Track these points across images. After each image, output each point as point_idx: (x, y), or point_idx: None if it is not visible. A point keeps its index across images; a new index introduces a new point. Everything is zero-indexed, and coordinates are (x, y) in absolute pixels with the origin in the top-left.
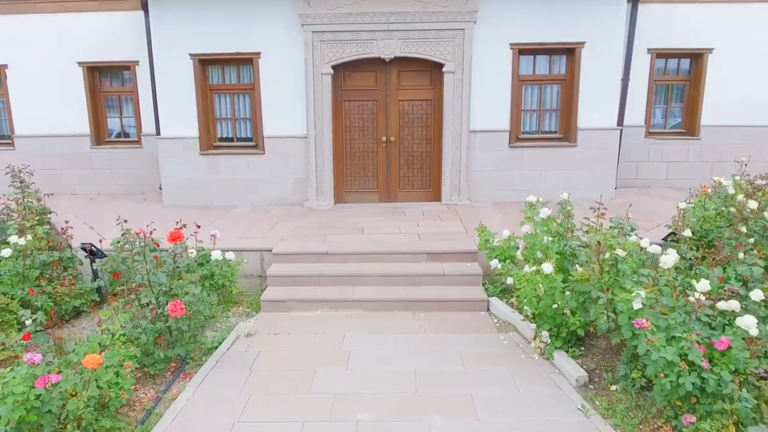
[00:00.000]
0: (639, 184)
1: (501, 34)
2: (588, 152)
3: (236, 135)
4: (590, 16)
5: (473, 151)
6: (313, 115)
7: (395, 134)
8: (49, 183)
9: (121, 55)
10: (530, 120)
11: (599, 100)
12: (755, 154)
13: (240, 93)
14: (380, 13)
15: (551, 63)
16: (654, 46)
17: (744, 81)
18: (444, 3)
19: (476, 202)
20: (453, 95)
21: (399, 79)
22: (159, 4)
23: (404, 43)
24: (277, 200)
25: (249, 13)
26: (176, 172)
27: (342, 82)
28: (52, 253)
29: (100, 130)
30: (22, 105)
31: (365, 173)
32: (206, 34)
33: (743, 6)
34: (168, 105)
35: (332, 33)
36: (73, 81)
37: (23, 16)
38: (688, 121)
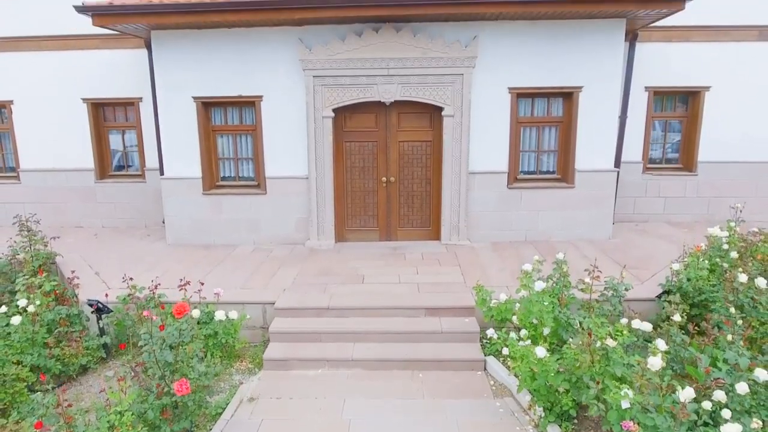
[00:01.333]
0: (636, 218)
1: (499, 79)
2: (585, 193)
3: (238, 174)
4: (588, 62)
5: (472, 192)
6: (314, 156)
7: (395, 174)
8: (53, 216)
9: (125, 91)
10: (528, 160)
11: (596, 143)
12: (752, 190)
13: (242, 134)
14: (380, 58)
15: (549, 105)
16: (651, 84)
17: (741, 118)
18: (443, 49)
19: (475, 241)
20: (452, 138)
21: (399, 121)
22: (162, 49)
23: (404, 88)
24: (279, 239)
25: (251, 57)
26: (179, 211)
27: (343, 123)
28: (59, 310)
29: (104, 165)
30: (27, 139)
31: (366, 212)
32: (209, 78)
33: (739, 45)
34: (171, 146)
35: (333, 77)
36: (77, 116)
37: (28, 53)
38: (685, 157)
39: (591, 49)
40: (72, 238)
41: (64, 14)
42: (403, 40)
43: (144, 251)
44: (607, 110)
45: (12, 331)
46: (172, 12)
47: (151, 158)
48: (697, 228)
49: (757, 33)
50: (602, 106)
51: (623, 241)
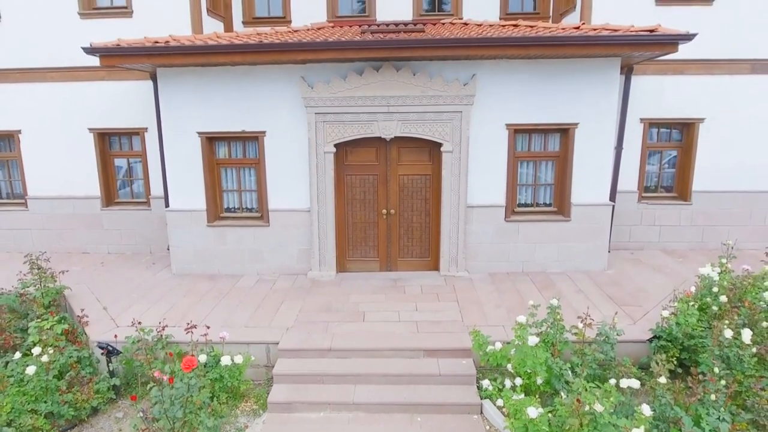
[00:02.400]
0: (632, 246)
1: (497, 116)
2: (581, 226)
3: (242, 206)
4: (584, 100)
5: (470, 225)
6: (316, 190)
7: (395, 206)
8: (60, 242)
9: (131, 121)
10: (526, 193)
11: (592, 177)
12: (745, 219)
13: (246, 167)
14: (380, 96)
15: (546, 140)
16: (647, 116)
17: (734, 149)
18: (442, 88)
19: (473, 272)
20: (451, 172)
21: (399, 155)
22: (168, 85)
23: (404, 124)
24: (282, 269)
25: (254, 94)
26: (184, 241)
27: (344, 157)
28: (71, 352)
29: (110, 192)
30: (34, 168)
31: (366, 243)
32: (213, 113)
33: (733, 78)
34: (177, 179)
35: (334, 114)
36: (83, 145)
37: (35, 84)
38: (680, 186)
39: (587, 88)
40: (79, 266)
41: (71, 46)
42: (402, 78)
43: (150, 282)
44: (603, 146)
45: (27, 380)
46: (178, 54)
47: (156, 186)
48: (691, 256)
49: (750, 66)
50: (598, 141)
51: (618, 273)
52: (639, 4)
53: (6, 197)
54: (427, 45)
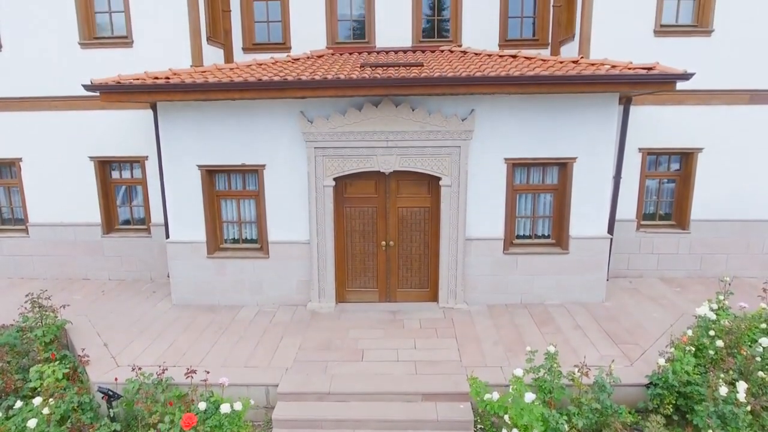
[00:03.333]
0: (630, 274)
1: (496, 150)
2: (579, 258)
3: (242, 236)
4: (582, 135)
5: (469, 257)
6: (316, 222)
7: (394, 238)
8: (61, 268)
9: (131, 150)
10: (524, 225)
11: (591, 210)
12: (743, 247)
13: (246, 199)
14: (380, 131)
15: (544, 173)
16: (645, 145)
17: (733, 178)
18: (441, 123)
19: (472, 304)
20: (449, 206)
21: (398, 187)
22: (167, 119)
23: (403, 159)
24: (282, 300)
25: (254, 128)
26: (185, 272)
27: (343, 189)
28: (72, 398)
29: (110, 219)
30: (35, 195)
31: (366, 274)
32: (213, 147)
33: (731, 108)
34: (177, 211)
35: (334, 149)
36: (84, 173)
37: (36, 113)
38: (678, 214)
39: (585, 123)
40: (80, 293)
41: (71, 76)
42: (402, 114)
43: (150, 315)
44: (601, 180)
45: None
46: (178, 91)
47: (157, 213)
48: (689, 285)
49: (748, 97)
50: (596, 175)
51: (616, 306)
52: (637, 36)
53: (7, 223)
54: (426, 83)
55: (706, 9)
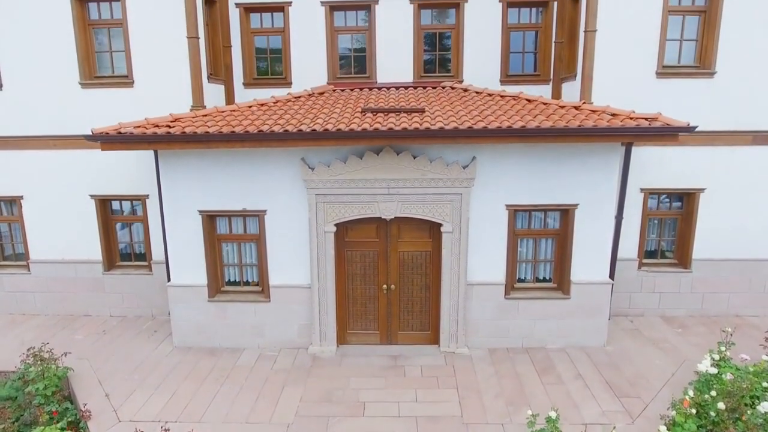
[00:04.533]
0: (632, 312)
1: (497, 197)
2: (581, 303)
3: (243, 279)
4: (584, 183)
5: (470, 302)
6: (317, 267)
7: (395, 282)
8: (62, 304)
9: (132, 189)
10: (525, 269)
11: (592, 256)
12: (745, 286)
13: (247, 242)
14: (381, 179)
15: (546, 218)
16: (647, 185)
17: (735, 218)
18: (442, 171)
19: (473, 347)
20: (450, 252)
21: (399, 232)
22: (169, 165)
23: (404, 205)
24: (283, 343)
25: (255, 174)
26: (186, 315)
27: (345, 233)
28: None
29: (111, 256)
30: (36, 232)
31: (367, 317)
32: (214, 192)
33: (733, 149)
34: (178, 255)
35: (335, 195)
36: (85, 211)
37: (38, 151)
38: (680, 253)
39: (586, 170)
40: (81, 332)
41: (72, 115)
42: (403, 162)
43: (152, 359)
44: (602, 226)
45: None
46: (178, 141)
47: (158, 251)
48: (690, 325)
49: (751, 138)
50: (597, 222)
51: (617, 351)
52: (640, 77)
53: (8, 259)
54: (426, 135)
55: (709, 51)
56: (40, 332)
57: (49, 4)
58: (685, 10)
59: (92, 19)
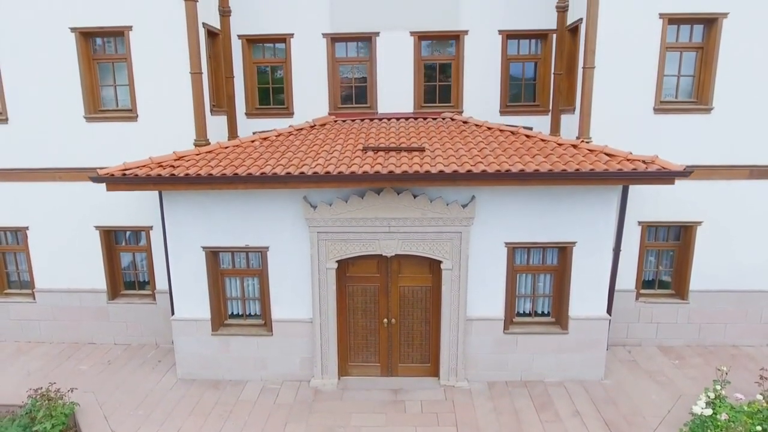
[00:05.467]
0: (630, 342)
1: (496, 235)
2: (579, 338)
3: (246, 312)
4: (581, 221)
5: (469, 336)
6: (318, 302)
7: (396, 316)
8: (67, 332)
9: (136, 220)
10: (524, 303)
11: (590, 292)
12: (741, 317)
13: (250, 276)
14: (381, 218)
15: (544, 254)
16: (644, 219)
17: (731, 249)
18: (442, 211)
19: (473, 380)
20: (450, 288)
21: (400, 267)
22: (172, 203)
23: (404, 243)
24: (286, 376)
25: (258, 212)
26: (189, 348)
27: (346, 269)
28: None
29: (116, 286)
30: (42, 261)
31: (368, 349)
32: (217, 229)
33: (731, 183)
34: (182, 289)
35: (336, 233)
36: (90, 241)
37: (43, 183)
38: (677, 284)
39: (584, 208)
40: (86, 363)
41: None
42: (403, 202)
43: (156, 392)
44: (600, 263)
45: None
46: (182, 182)
47: (161, 281)
48: (687, 357)
49: (748, 172)
50: (595, 259)
51: (615, 384)
52: (637, 113)
53: (14, 287)
54: (426, 178)
55: (706, 87)
56: (46, 362)
57: (55, 40)
58: (683, 47)
59: (97, 54)
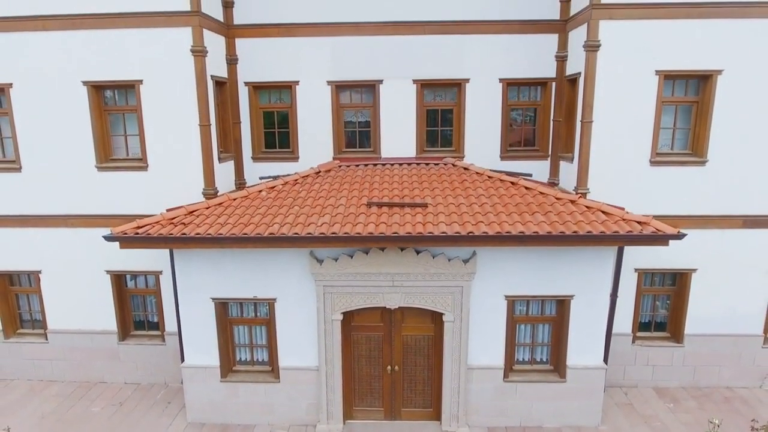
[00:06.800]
0: (626, 383)
1: (497, 289)
2: (576, 386)
3: (254, 358)
4: (579, 275)
5: (470, 384)
6: (324, 351)
7: (399, 363)
8: (79, 371)
9: (146, 265)
10: (523, 351)
11: (587, 342)
12: (735, 360)
13: (257, 325)
14: (385, 273)
15: (543, 306)
16: (641, 266)
17: (725, 295)
18: (444, 266)
19: (473, 426)
20: (452, 338)
21: (403, 317)
22: (183, 258)
23: (407, 296)
24: (292, 421)
25: (266, 265)
26: (199, 394)
27: (351, 319)
28: None
29: (126, 327)
30: (54, 303)
31: (372, 394)
32: (226, 280)
33: (724, 232)
34: (191, 338)
35: (342, 287)
36: (101, 285)
37: (56, 229)
38: (672, 328)
39: (582, 265)
40: (98, 404)
41: (89, 196)
42: (406, 257)
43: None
44: (597, 315)
45: None
46: (193, 241)
47: (170, 322)
48: (682, 400)
49: (742, 222)
50: (592, 311)
51: (611, 431)
52: (634, 165)
53: (26, 327)
54: (429, 239)
55: (701, 139)
56: (58, 403)
57: (67, 92)
58: (678, 101)
59: (108, 106)
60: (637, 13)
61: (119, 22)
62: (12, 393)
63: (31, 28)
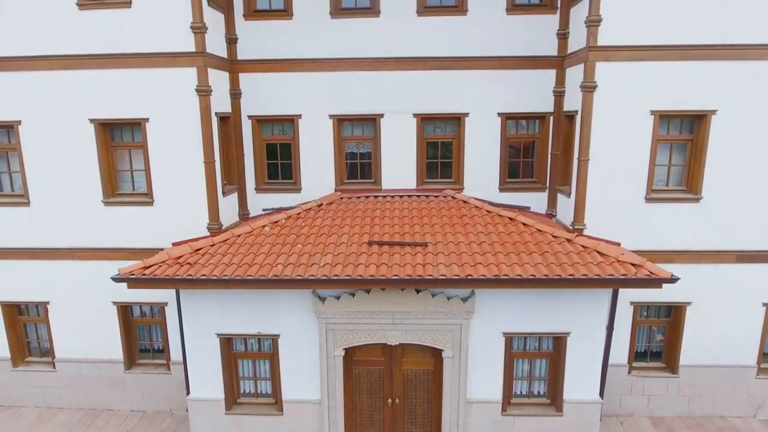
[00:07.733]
0: (622, 413)
1: (495, 325)
2: (573, 420)
3: (257, 391)
4: (576, 313)
5: (469, 417)
6: (326, 385)
7: (399, 396)
8: (85, 399)
9: (152, 297)
10: (521, 385)
11: (583, 377)
12: (729, 390)
13: (261, 359)
14: (386, 311)
15: (540, 342)
16: (636, 299)
17: (719, 327)
18: (443, 305)
19: None
20: (451, 373)
21: (403, 353)
22: (190, 296)
23: (408, 333)
24: None
25: (270, 303)
26: (204, 426)
27: (353, 354)
28: None
29: (132, 356)
30: (61, 333)
31: (373, 426)
32: (231, 317)
33: (717, 267)
34: (197, 372)
35: (343, 324)
36: (107, 315)
37: (63, 261)
38: (668, 359)
39: (578, 304)
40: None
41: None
42: (407, 297)
43: None
44: (593, 352)
45: None
46: (199, 283)
47: (175, 351)
48: (676, 429)
49: (735, 257)
50: (588, 348)
51: None
52: (630, 201)
53: (35, 354)
54: (428, 282)
55: (695, 177)
56: (67, 431)
57: (74, 129)
58: (674, 139)
59: (115, 142)
60: (632, 54)
61: (125, 62)
62: (20, 420)
63: (39, 68)
